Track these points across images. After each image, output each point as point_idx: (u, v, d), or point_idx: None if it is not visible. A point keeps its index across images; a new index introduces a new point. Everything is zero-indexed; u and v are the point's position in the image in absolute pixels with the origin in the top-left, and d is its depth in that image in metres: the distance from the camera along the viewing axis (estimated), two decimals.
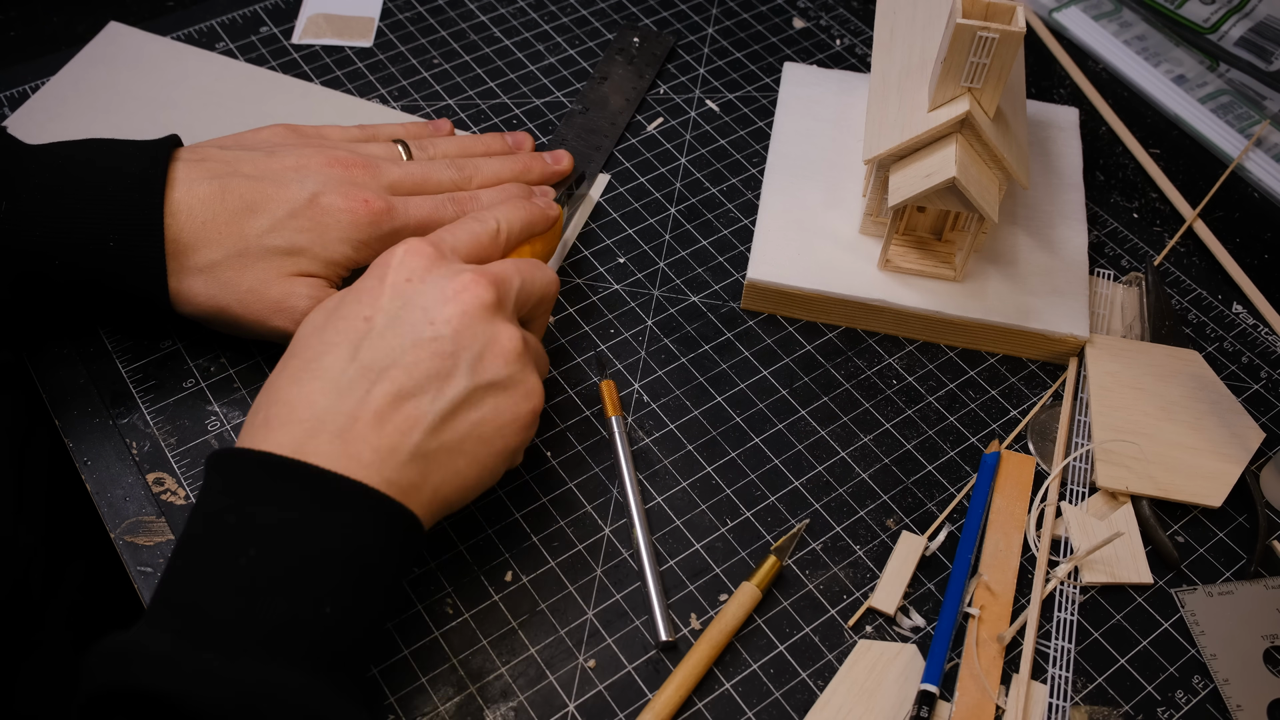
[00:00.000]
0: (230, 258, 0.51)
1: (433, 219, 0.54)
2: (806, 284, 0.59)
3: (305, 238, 0.51)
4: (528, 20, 0.75)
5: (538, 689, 0.47)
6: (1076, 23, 0.78)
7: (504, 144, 0.62)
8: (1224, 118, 0.72)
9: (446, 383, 0.43)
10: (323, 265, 0.52)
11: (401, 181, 0.55)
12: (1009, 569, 0.51)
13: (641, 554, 0.51)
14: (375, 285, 0.45)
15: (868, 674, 0.48)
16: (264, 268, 0.51)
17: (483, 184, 0.58)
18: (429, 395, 0.43)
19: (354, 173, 0.54)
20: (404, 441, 0.42)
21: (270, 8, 0.74)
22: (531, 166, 0.60)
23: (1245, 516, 0.54)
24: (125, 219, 0.50)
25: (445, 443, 0.43)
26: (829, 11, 0.78)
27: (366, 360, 0.43)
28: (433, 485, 0.43)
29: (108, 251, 0.50)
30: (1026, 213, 0.63)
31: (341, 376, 0.43)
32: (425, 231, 0.54)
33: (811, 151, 0.65)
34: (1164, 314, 0.61)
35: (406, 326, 0.44)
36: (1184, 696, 0.49)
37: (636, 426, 0.56)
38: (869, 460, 0.55)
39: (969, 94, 0.52)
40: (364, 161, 0.55)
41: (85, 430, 0.54)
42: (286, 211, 0.51)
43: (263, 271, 0.51)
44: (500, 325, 0.45)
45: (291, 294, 0.51)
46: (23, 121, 0.65)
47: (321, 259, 0.52)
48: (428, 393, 0.43)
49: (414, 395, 0.43)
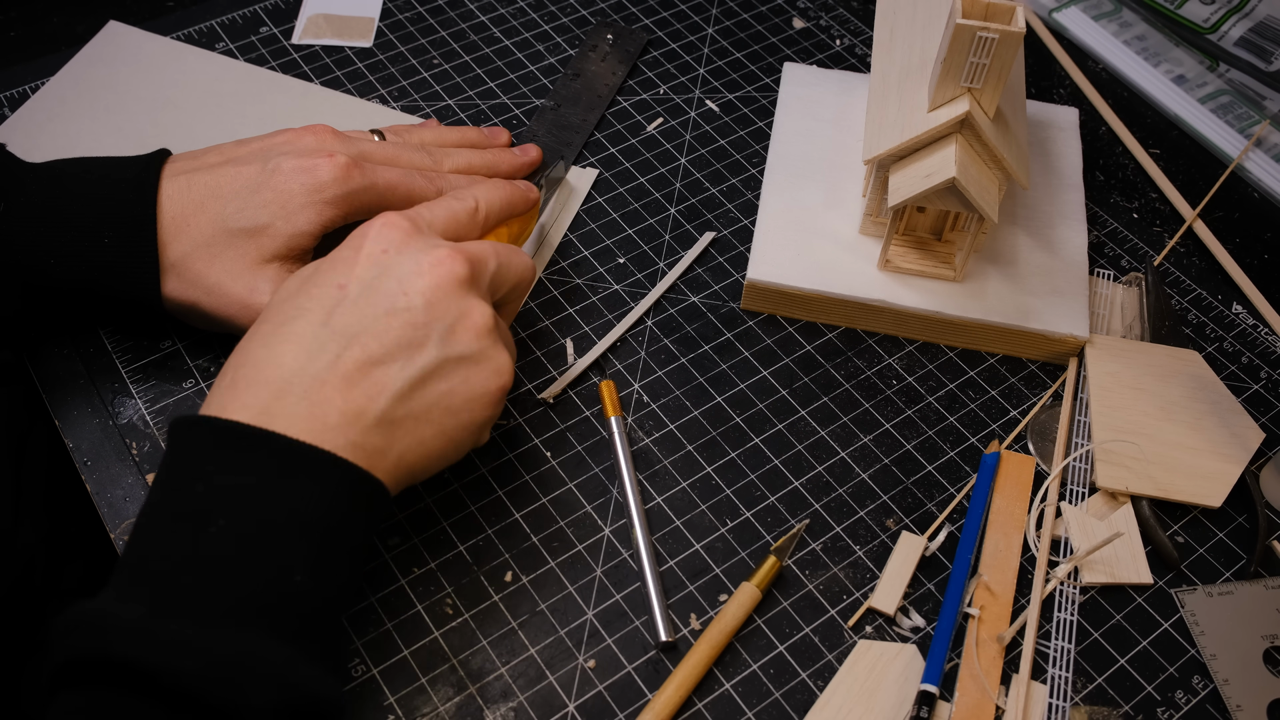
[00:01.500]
0: (197, 249, 0.51)
1: (402, 185, 0.55)
2: (806, 284, 0.59)
3: (268, 212, 0.52)
4: (528, 20, 0.75)
5: (538, 689, 0.47)
6: (1076, 23, 0.78)
7: (479, 136, 0.64)
8: (1224, 118, 0.72)
9: (417, 352, 0.44)
10: (288, 241, 0.52)
11: (372, 154, 0.56)
12: (1009, 569, 0.51)
13: (641, 554, 0.51)
14: (351, 255, 0.46)
15: (868, 674, 0.48)
16: (230, 257, 0.51)
17: (453, 170, 0.60)
18: (398, 363, 0.43)
19: (322, 138, 0.55)
20: (371, 406, 0.42)
21: (270, 8, 0.74)
22: (500, 158, 0.62)
23: (1245, 517, 0.54)
24: (119, 214, 0.51)
25: (412, 410, 0.43)
26: (829, 11, 0.78)
27: (338, 326, 0.43)
28: (398, 452, 0.43)
29: (103, 248, 0.50)
30: (1026, 213, 0.63)
31: (312, 340, 0.43)
32: (395, 199, 0.55)
33: (811, 152, 0.65)
34: (1164, 314, 0.61)
35: (380, 295, 0.44)
36: (1184, 697, 0.49)
37: (636, 427, 0.56)
38: (869, 460, 0.55)
39: (969, 94, 0.52)
40: (333, 130, 0.56)
41: (85, 430, 0.54)
42: (246, 186, 0.52)
43: (230, 261, 0.51)
44: (473, 301, 0.46)
45: (256, 289, 0.51)
46: (23, 121, 0.65)
47: (285, 234, 0.52)
48: (397, 360, 0.43)
49: (383, 362, 0.43)
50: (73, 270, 0.51)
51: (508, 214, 0.54)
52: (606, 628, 0.49)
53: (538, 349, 0.58)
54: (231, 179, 0.52)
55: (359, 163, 0.54)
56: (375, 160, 0.56)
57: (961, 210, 0.55)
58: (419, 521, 0.52)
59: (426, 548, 0.51)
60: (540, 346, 0.58)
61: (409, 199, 0.56)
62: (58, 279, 0.51)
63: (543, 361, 0.58)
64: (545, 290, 0.61)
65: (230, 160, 0.54)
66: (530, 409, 0.56)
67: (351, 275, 0.45)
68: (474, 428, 0.46)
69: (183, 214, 0.51)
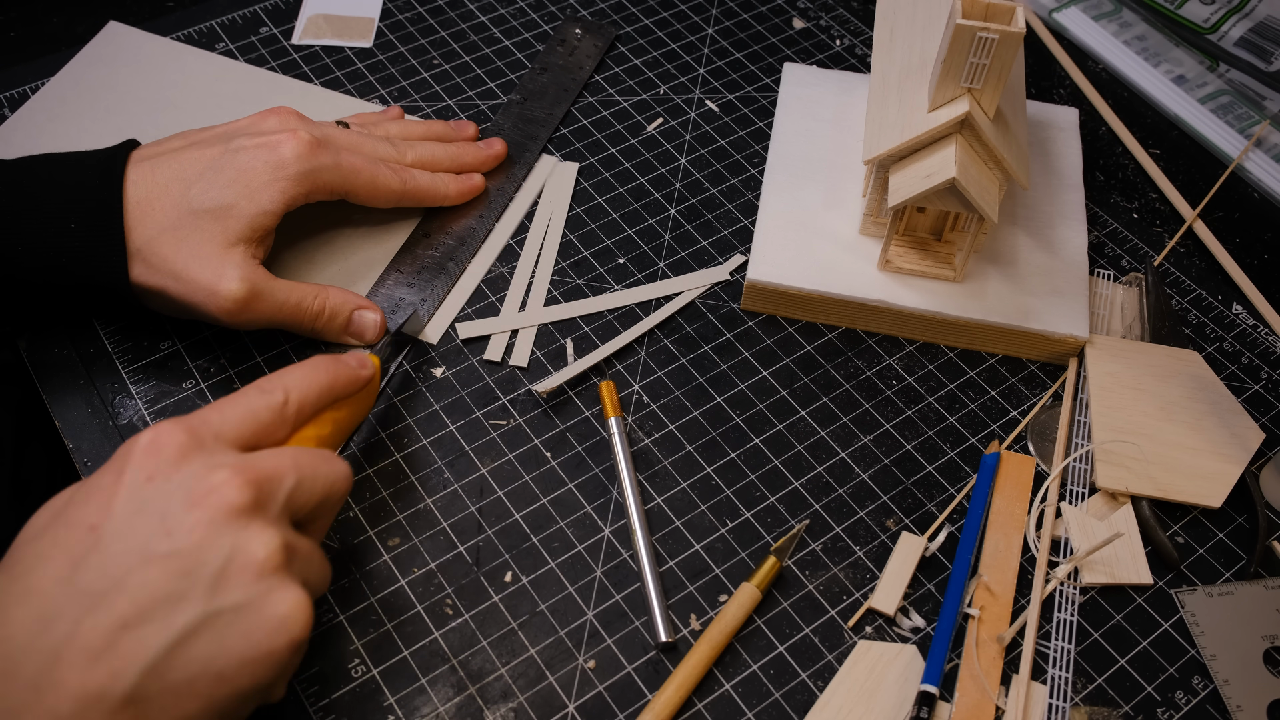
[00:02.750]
0: (163, 233, 0.51)
1: (365, 170, 0.55)
2: (806, 284, 0.59)
3: (231, 192, 0.52)
4: (527, 20, 0.75)
5: (538, 689, 0.47)
6: (1076, 23, 0.78)
7: (445, 129, 0.64)
8: (1224, 118, 0.72)
9: (177, 608, 0.36)
10: (251, 221, 0.52)
11: (336, 138, 0.56)
12: (1009, 569, 0.51)
13: (641, 554, 0.51)
14: (110, 483, 0.38)
15: (868, 675, 0.48)
16: (196, 240, 0.51)
17: (416, 162, 0.60)
18: (154, 624, 0.35)
19: (285, 119, 0.55)
20: (114, 684, 0.34)
21: (270, 8, 0.74)
22: (465, 151, 0.63)
23: (1245, 517, 0.54)
24: (84, 200, 0.50)
25: (170, 683, 0.35)
26: (829, 11, 0.78)
27: (84, 582, 0.36)
28: None
29: (70, 233, 0.50)
30: (1026, 213, 0.63)
31: (50, 603, 0.35)
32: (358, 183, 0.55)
33: (811, 152, 0.65)
34: (1164, 314, 0.61)
35: (137, 538, 0.36)
36: (1184, 697, 0.49)
37: (636, 427, 0.56)
38: (869, 461, 0.55)
39: (969, 94, 0.52)
40: (297, 113, 0.56)
41: (85, 430, 0.54)
42: (209, 167, 0.52)
43: (195, 245, 0.51)
44: (253, 533, 0.37)
45: (222, 276, 0.51)
46: (23, 121, 0.65)
47: (249, 213, 0.52)
48: (153, 621, 0.35)
49: (136, 625, 0.35)
50: (41, 257, 0.50)
51: (329, 399, 0.46)
52: (606, 628, 0.49)
53: (538, 349, 0.58)
54: (194, 161, 0.52)
55: (322, 142, 0.54)
56: (339, 145, 0.56)
57: (961, 210, 0.55)
58: (419, 521, 0.52)
59: (426, 548, 0.51)
60: (540, 347, 0.58)
61: (372, 185, 0.57)
62: (27, 267, 0.51)
63: (543, 362, 0.58)
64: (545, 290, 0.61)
65: (194, 144, 0.54)
66: (530, 409, 0.56)
67: (107, 512, 0.37)
68: (253, 695, 0.37)
69: (147, 198, 0.51)
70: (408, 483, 0.53)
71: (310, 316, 0.55)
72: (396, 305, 0.58)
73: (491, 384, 0.57)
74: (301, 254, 0.60)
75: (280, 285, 0.54)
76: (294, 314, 0.54)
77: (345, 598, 0.49)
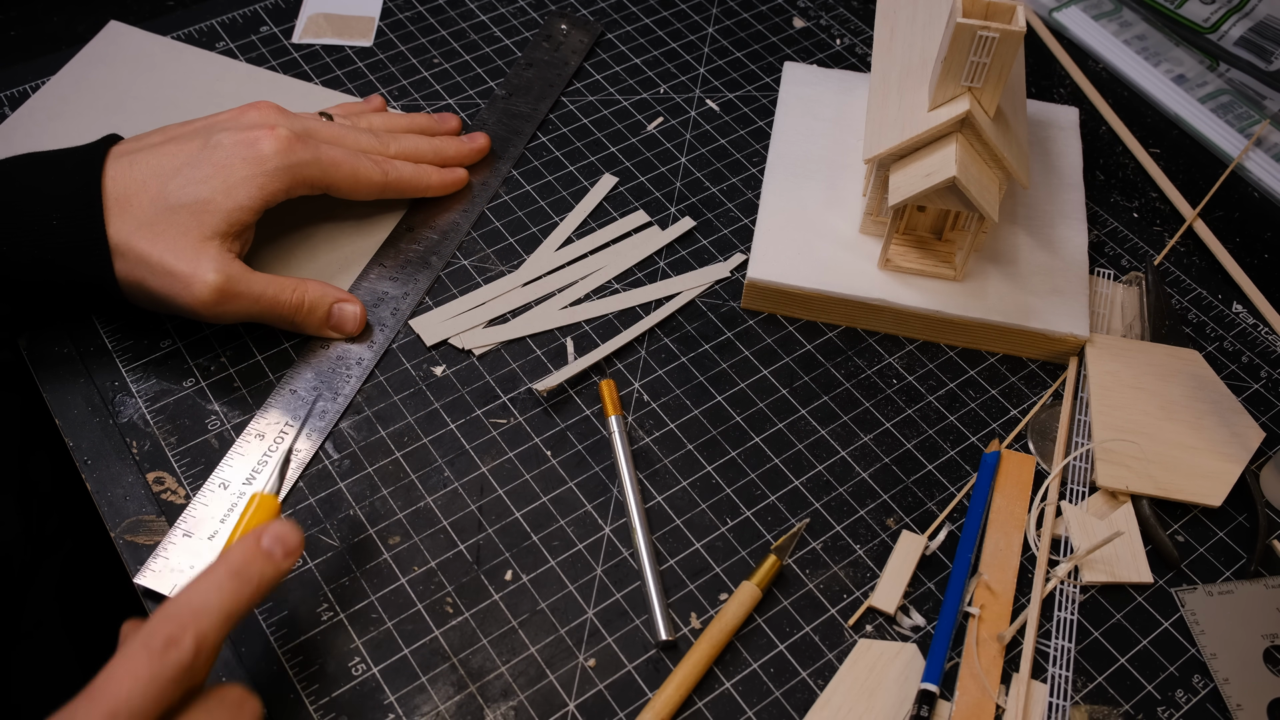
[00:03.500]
0: (141, 228, 0.51)
1: (346, 163, 0.55)
2: (806, 283, 0.59)
3: (208, 187, 0.51)
4: (528, 20, 0.75)
5: (538, 688, 0.47)
6: (1076, 22, 0.78)
7: (428, 122, 0.64)
8: (1224, 117, 0.72)
9: None
10: (228, 216, 0.52)
11: (317, 132, 0.56)
12: (1009, 568, 0.51)
13: (641, 553, 0.51)
14: None
15: (868, 673, 0.48)
16: (173, 235, 0.51)
17: (399, 154, 0.60)
18: None
19: (265, 113, 0.54)
20: None
21: (270, 7, 0.74)
22: (448, 145, 0.63)
23: (1245, 516, 0.54)
24: (65, 196, 0.50)
25: None
26: (829, 11, 0.78)
27: None
28: None
29: (52, 229, 0.50)
30: (1026, 212, 0.63)
31: None
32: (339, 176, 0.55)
33: (811, 151, 0.65)
34: (1164, 313, 0.61)
35: None
36: (1184, 696, 0.49)
37: (636, 426, 0.56)
38: (869, 459, 0.55)
39: (969, 93, 0.52)
40: (277, 106, 0.55)
41: (85, 430, 0.54)
42: (187, 162, 0.52)
43: (172, 239, 0.51)
44: None
45: (199, 269, 0.51)
46: (23, 121, 0.65)
47: (226, 209, 0.52)
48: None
49: None
50: (25, 253, 0.51)
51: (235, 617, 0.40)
52: (607, 627, 0.49)
53: (538, 348, 0.58)
54: (173, 156, 0.52)
55: (302, 137, 0.53)
56: (320, 138, 0.56)
57: (962, 209, 0.55)
58: (419, 521, 0.52)
59: (426, 547, 0.51)
60: (540, 346, 0.58)
61: (354, 178, 0.56)
62: (16, 264, 0.51)
63: (543, 361, 0.58)
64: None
65: (172, 139, 0.54)
66: (530, 408, 0.56)
67: None
68: None
69: (126, 194, 0.51)
70: (408, 481, 0.53)
71: (289, 310, 0.54)
72: (379, 299, 0.59)
73: (491, 382, 0.57)
74: (284, 248, 0.60)
75: (257, 278, 0.53)
76: (271, 307, 0.54)
77: (345, 596, 0.49)
